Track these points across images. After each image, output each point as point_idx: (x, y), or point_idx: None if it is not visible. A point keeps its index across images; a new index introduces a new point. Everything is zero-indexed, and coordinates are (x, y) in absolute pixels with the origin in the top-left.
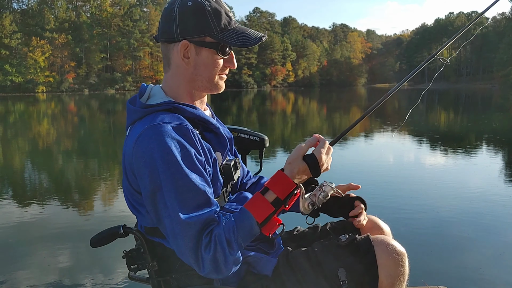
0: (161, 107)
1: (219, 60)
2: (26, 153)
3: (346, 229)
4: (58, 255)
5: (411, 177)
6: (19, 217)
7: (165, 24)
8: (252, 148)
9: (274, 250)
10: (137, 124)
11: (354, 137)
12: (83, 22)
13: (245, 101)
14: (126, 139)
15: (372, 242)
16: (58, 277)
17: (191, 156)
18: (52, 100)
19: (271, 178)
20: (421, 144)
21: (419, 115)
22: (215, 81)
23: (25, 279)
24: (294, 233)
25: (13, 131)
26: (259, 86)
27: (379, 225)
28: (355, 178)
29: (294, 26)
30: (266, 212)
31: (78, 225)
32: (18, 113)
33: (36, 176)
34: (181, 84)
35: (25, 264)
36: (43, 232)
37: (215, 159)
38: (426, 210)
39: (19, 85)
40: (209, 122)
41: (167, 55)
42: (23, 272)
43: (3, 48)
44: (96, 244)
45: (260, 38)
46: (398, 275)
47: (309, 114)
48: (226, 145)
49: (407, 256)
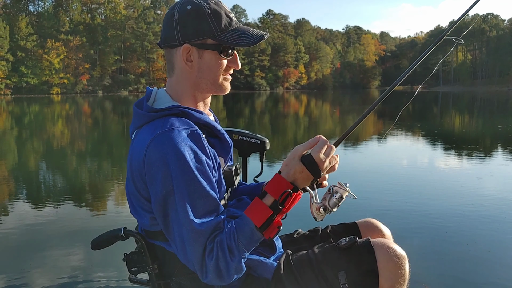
0: (169, 112)
1: (222, 61)
2: (40, 154)
3: (346, 232)
4: (60, 256)
5: (413, 180)
6: (28, 218)
7: (166, 30)
8: (253, 150)
9: (274, 254)
10: (145, 128)
11: (360, 140)
12: (98, 24)
13: (258, 103)
14: (133, 143)
15: (373, 246)
16: (58, 278)
17: (203, 162)
18: (66, 102)
19: (269, 182)
20: (424, 147)
21: (430, 118)
22: (220, 82)
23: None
24: (294, 236)
25: (28, 132)
26: (271, 88)
27: (379, 229)
28: (356, 180)
29: (307, 28)
30: (265, 216)
31: (84, 227)
32: (33, 114)
33: (49, 177)
34: (186, 88)
35: (24, 265)
36: (47, 233)
37: (219, 164)
38: (427, 214)
39: (34, 87)
40: (214, 128)
41: (171, 60)
42: (18, 273)
43: (19, 50)
44: (96, 246)
45: (262, 36)
46: (398, 279)
47: (322, 117)
48: (229, 151)
49: (408, 260)
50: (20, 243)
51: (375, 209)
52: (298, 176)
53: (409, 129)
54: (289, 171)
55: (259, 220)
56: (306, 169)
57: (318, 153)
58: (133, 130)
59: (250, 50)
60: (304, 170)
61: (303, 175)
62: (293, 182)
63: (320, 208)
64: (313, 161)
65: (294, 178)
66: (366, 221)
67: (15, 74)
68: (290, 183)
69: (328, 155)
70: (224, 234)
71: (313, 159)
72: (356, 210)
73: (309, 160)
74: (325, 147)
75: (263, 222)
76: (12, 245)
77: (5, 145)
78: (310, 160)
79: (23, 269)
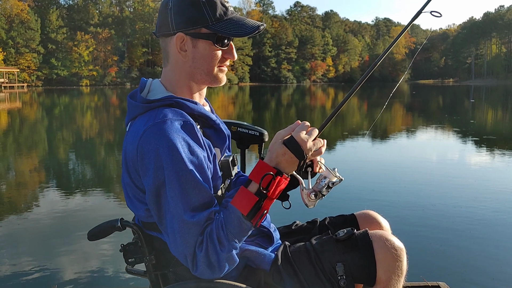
0: (163, 102)
1: (217, 51)
2: (69, 144)
3: (344, 224)
4: (62, 246)
5: (412, 173)
6: (57, 206)
7: (161, 18)
8: (252, 142)
9: (272, 245)
10: (138, 119)
11: (373, 133)
12: (126, 17)
13: (284, 96)
14: (127, 134)
15: (371, 237)
16: (54, 267)
17: (196, 153)
18: (95, 93)
19: (253, 169)
20: (428, 140)
21: (457, 112)
22: (214, 73)
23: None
24: (292, 227)
25: (58, 123)
26: (298, 81)
27: (378, 221)
28: (356, 172)
29: (336, 20)
30: (250, 203)
31: (115, 215)
32: (63, 106)
33: (77, 167)
34: (180, 78)
35: (53, 250)
36: (77, 220)
37: (215, 155)
38: (426, 206)
39: (64, 78)
40: (209, 118)
41: (166, 49)
42: (48, 259)
43: (49, 43)
44: (93, 237)
45: (257, 27)
46: (396, 271)
47: (349, 110)
48: (225, 141)
49: (406, 252)
50: (48, 230)
51: (373, 201)
52: (281, 159)
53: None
54: (272, 155)
55: (245, 208)
56: (289, 150)
57: (299, 133)
58: (127, 122)
59: (277, 42)
60: (287, 152)
61: (286, 158)
62: (276, 166)
63: (311, 194)
64: (294, 141)
65: (277, 162)
66: (365, 213)
67: (46, 66)
68: (273, 167)
69: (311, 135)
70: (213, 225)
71: (294, 140)
72: (355, 202)
73: (290, 141)
74: (306, 128)
75: (249, 209)
76: (41, 232)
77: (37, 136)
78: (291, 141)
79: (51, 254)
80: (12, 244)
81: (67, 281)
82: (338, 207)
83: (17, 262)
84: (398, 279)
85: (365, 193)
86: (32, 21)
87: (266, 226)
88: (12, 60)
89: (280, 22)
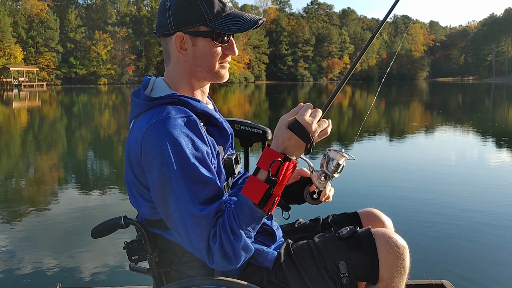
0: (166, 100)
1: (217, 48)
2: (88, 141)
3: (347, 222)
4: (63, 243)
5: (415, 171)
6: (76, 203)
7: (160, 18)
8: (255, 140)
9: (275, 243)
10: (142, 117)
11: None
12: (143, 16)
13: (300, 94)
14: (131, 132)
15: (373, 235)
16: (57, 265)
17: (200, 149)
18: (113, 92)
19: (260, 157)
20: (432, 139)
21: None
22: (216, 70)
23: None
24: (295, 225)
25: (77, 121)
26: (315, 79)
27: (380, 218)
28: (360, 170)
29: (353, 18)
30: (261, 191)
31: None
32: (81, 104)
33: (95, 164)
34: (182, 76)
35: (73, 246)
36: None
37: (218, 152)
38: (429, 204)
39: (83, 77)
40: (212, 116)
41: (166, 49)
42: (68, 256)
43: (68, 42)
44: (96, 235)
45: (256, 21)
46: (399, 269)
47: (366, 108)
48: (228, 139)
49: (409, 250)
50: (67, 227)
51: (376, 199)
52: (288, 144)
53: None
54: (278, 141)
55: (257, 197)
56: (295, 134)
57: (303, 116)
58: (131, 119)
59: (293, 40)
60: (293, 136)
61: (292, 142)
62: (283, 152)
63: (321, 176)
64: (299, 124)
65: (284, 147)
66: (368, 211)
67: (64, 65)
68: (280, 153)
69: (315, 117)
70: (225, 216)
71: (299, 123)
72: (359, 200)
73: (295, 125)
74: (310, 110)
75: (261, 197)
76: (44, 230)
77: (55, 134)
78: (296, 125)
79: (55, 252)
80: (13, 243)
81: (70, 278)
82: (341, 205)
83: (20, 260)
84: (401, 277)
85: (368, 191)
86: (51, 20)
87: (268, 224)
88: (32, 59)
89: (297, 20)
